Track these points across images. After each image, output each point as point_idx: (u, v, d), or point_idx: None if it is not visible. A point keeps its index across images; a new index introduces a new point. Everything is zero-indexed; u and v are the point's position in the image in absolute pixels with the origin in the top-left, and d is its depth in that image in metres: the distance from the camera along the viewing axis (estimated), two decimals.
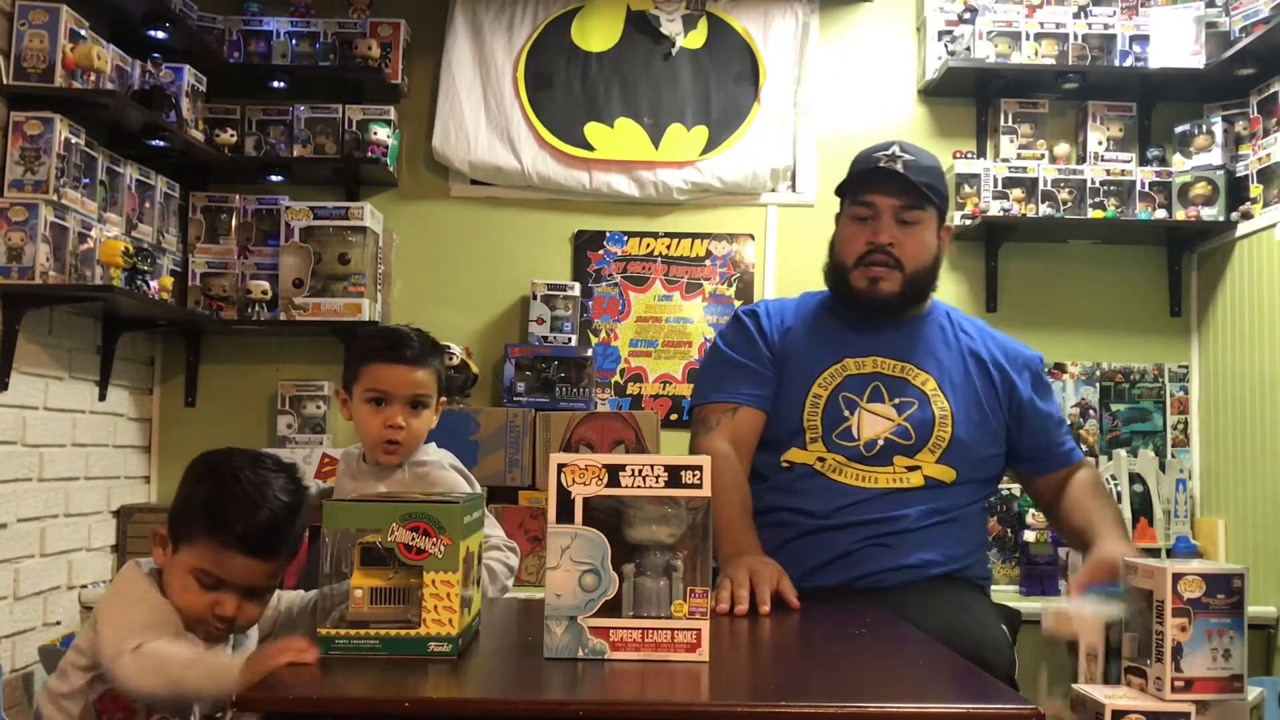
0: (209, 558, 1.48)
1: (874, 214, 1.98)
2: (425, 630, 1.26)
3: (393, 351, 1.91)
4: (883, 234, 1.96)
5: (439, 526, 1.27)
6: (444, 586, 1.27)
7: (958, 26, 3.23)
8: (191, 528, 1.50)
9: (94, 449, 2.82)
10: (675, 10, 3.31)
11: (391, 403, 1.89)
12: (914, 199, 1.97)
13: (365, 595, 1.27)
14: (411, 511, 1.27)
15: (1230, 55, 2.95)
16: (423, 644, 1.26)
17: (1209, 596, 1.46)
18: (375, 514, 1.27)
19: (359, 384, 1.90)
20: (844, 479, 1.92)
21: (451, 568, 1.27)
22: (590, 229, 3.28)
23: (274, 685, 1.18)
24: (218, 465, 1.55)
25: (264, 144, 3.13)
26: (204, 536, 1.49)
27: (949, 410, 1.95)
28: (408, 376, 1.91)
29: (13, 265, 2.37)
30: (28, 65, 2.42)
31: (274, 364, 3.20)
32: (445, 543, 1.27)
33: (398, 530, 1.26)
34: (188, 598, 1.50)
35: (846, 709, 1.11)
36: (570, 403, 3.05)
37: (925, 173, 1.99)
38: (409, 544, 1.26)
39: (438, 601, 1.26)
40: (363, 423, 1.90)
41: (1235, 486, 3.00)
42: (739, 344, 2.07)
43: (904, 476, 1.93)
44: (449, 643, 1.27)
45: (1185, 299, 3.26)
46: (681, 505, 1.29)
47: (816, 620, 1.66)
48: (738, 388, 2.01)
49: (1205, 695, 1.45)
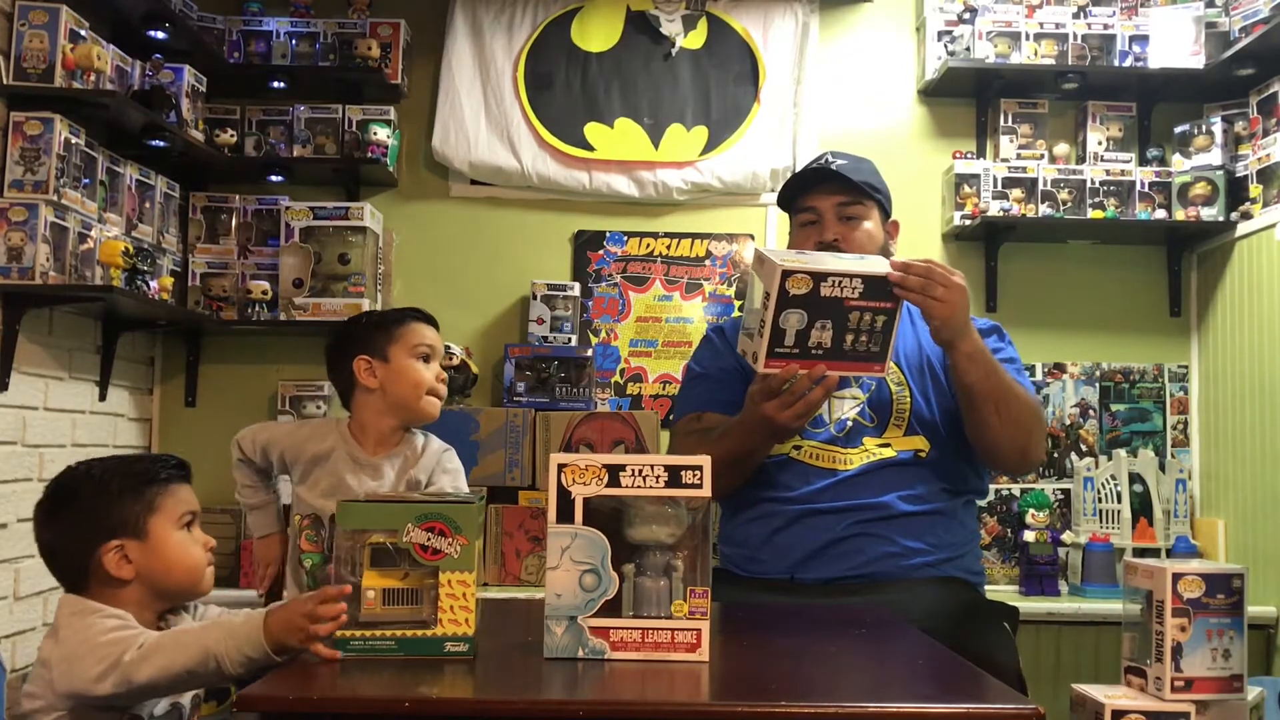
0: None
1: (818, 216, 2.10)
2: (441, 630, 1.27)
3: (425, 314, 2.20)
4: (828, 232, 2.07)
5: (455, 526, 1.27)
6: (460, 586, 1.27)
7: (957, 27, 3.23)
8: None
9: (94, 449, 2.82)
10: (675, 10, 3.31)
11: (434, 359, 2.15)
12: (852, 195, 2.08)
13: (378, 596, 1.27)
14: (427, 512, 1.27)
15: (1230, 55, 2.95)
16: (439, 644, 1.27)
17: (1209, 596, 1.46)
18: (391, 515, 1.27)
19: (400, 342, 2.12)
20: (821, 463, 1.99)
21: (468, 567, 1.27)
22: (590, 229, 3.28)
23: (272, 685, 1.18)
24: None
25: (264, 144, 3.13)
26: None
27: (905, 382, 2.04)
28: (438, 337, 2.20)
29: (13, 265, 2.37)
30: (28, 65, 2.42)
31: (274, 364, 3.20)
32: (461, 542, 1.27)
33: (414, 530, 1.27)
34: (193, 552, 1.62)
35: (846, 709, 1.11)
36: (570, 403, 3.05)
37: (858, 171, 2.11)
38: (425, 544, 1.26)
39: (454, 601, 1.27)
40: (414, 377, 2.12)
41: (1235, 486, 3.00)
42: (705, 359, 2.20)
43: (876, 451, 1.99)
44: (465, 642, 1.27)
45: (1185, 299, 3.26)
46: (681, 505, 1.29)
47: (816, 620, 1.66)
48: (703, 398, 2.11)
49: (1205, 695, 1.45)
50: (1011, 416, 1.92)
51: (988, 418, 1.91)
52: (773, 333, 1.72)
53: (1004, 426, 1.92)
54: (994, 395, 1.90)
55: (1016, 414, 1.92)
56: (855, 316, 1.76)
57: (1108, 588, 2.89)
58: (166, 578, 1.59)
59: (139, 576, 1.57)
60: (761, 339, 1.73)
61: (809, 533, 1.95)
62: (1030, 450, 1.99)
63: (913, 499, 1.96)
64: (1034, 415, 1.98)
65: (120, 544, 1.56)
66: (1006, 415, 1.91)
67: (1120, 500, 3.06)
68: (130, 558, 1.57)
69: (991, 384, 1.89)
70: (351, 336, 2.19)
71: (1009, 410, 1.91)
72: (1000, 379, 1.91)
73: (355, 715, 1.15)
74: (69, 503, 1.60)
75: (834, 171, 2.07)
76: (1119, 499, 3.06)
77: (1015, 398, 1.93)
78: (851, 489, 1.96)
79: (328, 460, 2.13)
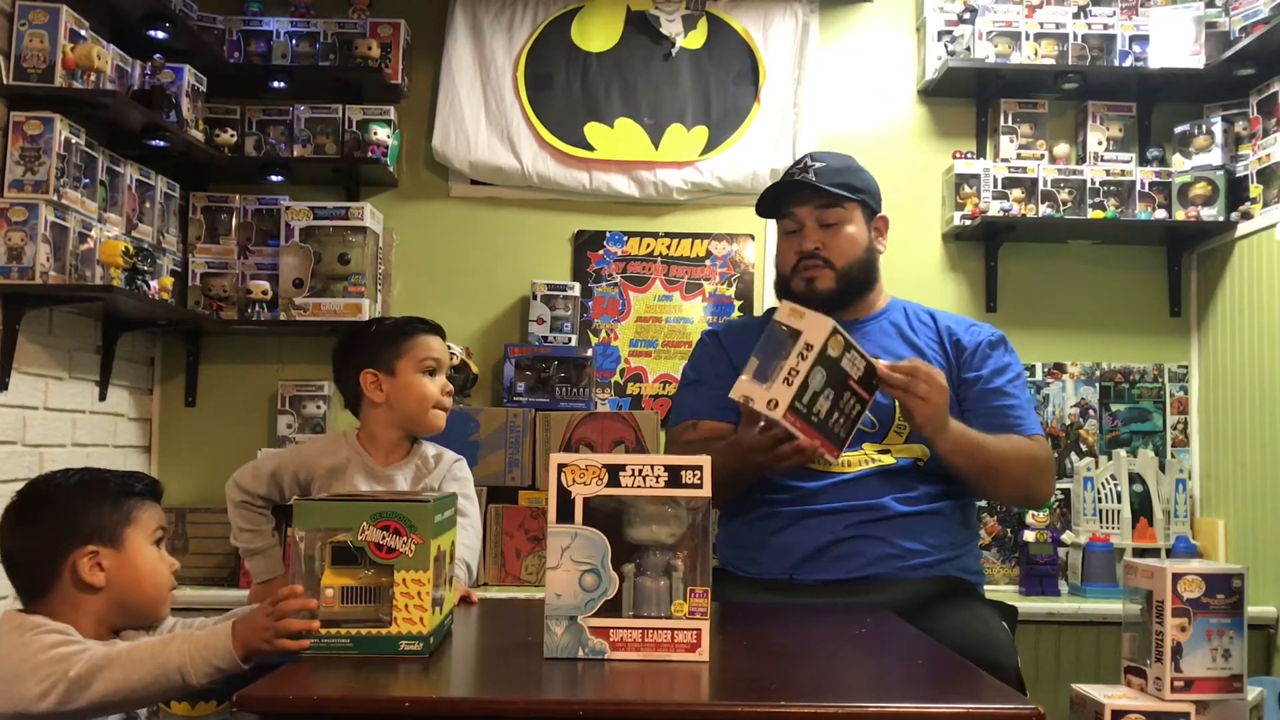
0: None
1: (798, 225, 2.12)
2: (396, 629, 1.27)
3: (431, 325, 2.16)
4: (808, 241, 2.10)
5: (410, 525, 1.27)
6: (415, 585, 1.27)
7: (957, 27, 3.23)
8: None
9: (94, 449, 2.82)
10: (675, 10, 3.31)
11: (440, 371, 2.12)
12: (828, 200, 2.09)
13: (336, 594, 1.27)
14: (382, 510, 1.27)
15: (1230, 55, 2.95)
16: (394, 643, 1.27)
17: (1209, 596, 1.46)
18: (346, 513, 1.28)
19: (407, 357, 2.09)
20: (819, 465, 1.98)
21: (422, 566, 1.27)
22: (590, 229, 3.28)
23: (272, 685, 1.18)
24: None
25: (264, 144, 3.13)
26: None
27: None
28: (444, 348, 2.16)
29: (13, 265, 2.37)
30: (28, 65, 2.42)
31: (274, 364, 3.20)
32: (416, 541, 1.27)
33: (368, 529, 1.27)
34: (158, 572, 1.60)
35: (846, 709, 1.11)
36: (570, 403, 3.05)
37: (837, 174, 2.10)
38: (379, 543, 1.27)
39: (408, 600, 1.27)
40: (419, 392, 2.09)
41: (1235, 486, 3.00)
42: (700, 363, 2.20)
43: (877, 458, 1.99)
44: (420, 641, 1.27)
45: (1185, 299, 3.26)
46: (681, 505, 1.29)
47: (816, 620, 1.66)
48: (698, 405, 2.12)
49: (1205, 695, 1.46)
50: (1010, 479, 1.96)
51: (985, 487, 1.98)
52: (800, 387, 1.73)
53: (1001, 488, 1.98)
54: (986, 472, 1.93)
55: (1015, 476, 1.96)
56: (847, 396, 1.80)
57: (1108, 588, 2.89)
58: (136, 591, 1.56)
59: (108, 586, 1.54)
60: (788, 387, 1.72)
61: (807, 534, 1.95)
62: (1034, 495, 2.05)
63: (910, 500, 1.96)
64: (1033, 468, 1.99)
65: (95, 550, 1.54)
66: (1005, 479, 1.95)
67: (1120, 500, 3.06)
68: (104, 565, 1.54)
69: (980, 463, 1.92)
70: (357, 349, 2.16)
71: (1007, 475, 1.95)
72: (988, 454, 1.92)
73: (355, 715, 1.15)
74: (44, 506, 1.56)
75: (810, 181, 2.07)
76: (1119, 499, 3.06)
77: (1010, 463, 1.95)
78: (849, 491, 1.96)
79: (344, 473, 2.11)
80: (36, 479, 1.63)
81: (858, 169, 2.17)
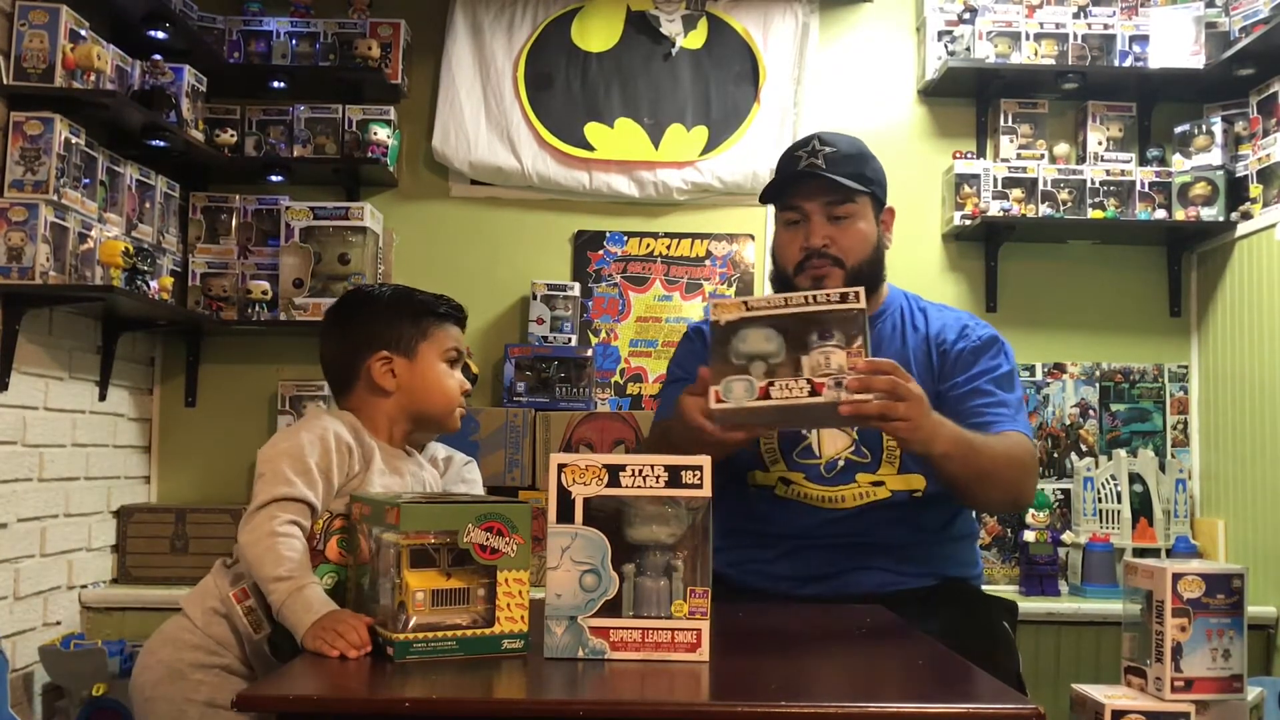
0: None
1: (804, 217, 1.93)
2: (500, 628, 1.28)
3: (460, 313, 1.85)
4: (815, 236, 1.91)
5: (512, 526, 1.30)
6: (516, 584, 1.30)
7: (957, 27, 3.23)
8: None
9: (94, 449, 2.82)
10: (675, 10, 3.31)
11: (459, 363, 1.84)
12: (840, 194, 1.91)
13: (427, 597, 1.28)
14: (486, 512, 1.29)
15: (1230, 55, 2.95)
16: (497, 642, 1.29)
17: (1209, 596, 1.46)
18: (452, 515, 1.29)
19: (430, 342, 1.78)
20: (810, 501, 1.89)
21: (524, 565, 1.31)
22: (590, 229, 3.28)
23: (277, 684, 1.18)
24: None
25: (264, 144, 3.13)
26: None
27: None
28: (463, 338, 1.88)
29: (13, 265, 2.37)
30: (28, 65, 2.42)
31: (274, 364, 3.20)
32: (518, 541, 1.30)
33: (474, 531, 1.28)
34: None
35: (846, 709, 1.11)
36: (570, 403, 3.05)
37: (849, 162, 1.92)
38: (484, 544, 1.28)
39: (510, 599, 1.30)
40: (440, 384, 1.78)
41: (1235, 486, 3.00)
42: (683, 361, 2.06)
43: (870, 491, 1.88)
44: (520, 639, 1.30)
45: (1185, 299, 3.26)
46: (681, 505, 1.29)
47: (816, 620, 1.66)
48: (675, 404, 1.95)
49: (1205, 695, 1.46)
50: (1001, 483, 1.83)
51: (975, 493, 1.83)
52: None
53: (994, 494, 1.85)
54: (979, 474, 1.78)
55: (1006, 480, 1.83)
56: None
57: (1108, 588, 2.89)
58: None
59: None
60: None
61: (803, 564, 1.89)
62: (1020, 499, 1.93)
63: (910, 530, 1.89)
64: (1021, 469, 1.86)
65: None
66: (996, 483, 1.82)
67: (1120, 500, 3.06)
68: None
69: (974, 465, 1.76)
70: (367, 322, 1.78)
71: (999, 478, 1.82)
72: (980, 456, 1.77)
73: (355, 715, 1.15)
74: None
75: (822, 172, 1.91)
76: (1119, 499, 3.06)
77: (1001, 465, 1.81)
78: (846, 526, 1.88)
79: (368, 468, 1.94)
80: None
81: (869, 155, 1.99)
